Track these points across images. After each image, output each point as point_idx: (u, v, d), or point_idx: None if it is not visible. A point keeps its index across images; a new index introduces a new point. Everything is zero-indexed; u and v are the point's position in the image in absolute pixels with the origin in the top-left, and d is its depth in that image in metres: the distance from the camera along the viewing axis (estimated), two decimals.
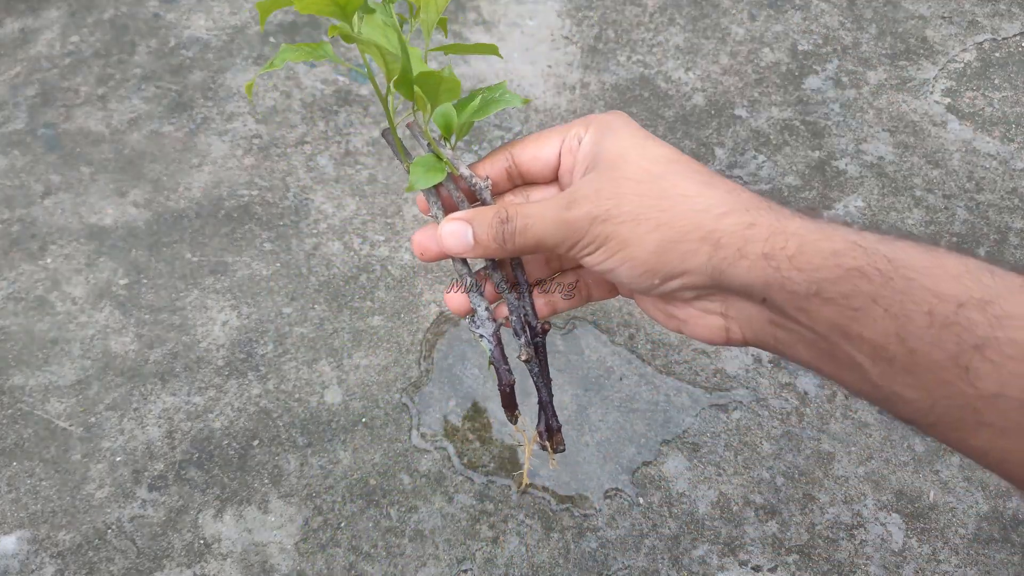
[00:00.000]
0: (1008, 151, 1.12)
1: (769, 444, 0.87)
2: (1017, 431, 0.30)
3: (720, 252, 0.36)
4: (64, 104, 1.18)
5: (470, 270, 0.44)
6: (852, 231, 0.35)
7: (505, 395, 0.47)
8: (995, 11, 1.29)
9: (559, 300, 0.45)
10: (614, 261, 0.38)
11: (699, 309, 0.39)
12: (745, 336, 0.38)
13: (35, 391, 0.91)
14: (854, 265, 0.33)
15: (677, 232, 0.36)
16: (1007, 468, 0.32)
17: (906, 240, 0.34)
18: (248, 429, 0.88)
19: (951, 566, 0.80)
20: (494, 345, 0.45)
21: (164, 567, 0.80)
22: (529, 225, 0.39)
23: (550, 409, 0.46)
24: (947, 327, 0.31)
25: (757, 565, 0.80)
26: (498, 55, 0.43)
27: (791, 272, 0.34)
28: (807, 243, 0.34)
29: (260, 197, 1.08)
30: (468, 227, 0.40)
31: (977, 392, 0.31)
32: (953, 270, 0.32)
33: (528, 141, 0.43)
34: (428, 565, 0.80)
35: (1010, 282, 0.32)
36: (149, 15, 1.29)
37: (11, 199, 1.08)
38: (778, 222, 0.35)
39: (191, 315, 0.97)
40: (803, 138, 1.14)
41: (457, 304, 0.45)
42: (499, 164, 0.44)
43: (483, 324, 0.45)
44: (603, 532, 0.82)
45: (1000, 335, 0.30)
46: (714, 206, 0.36)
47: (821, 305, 0.34)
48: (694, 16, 1.29)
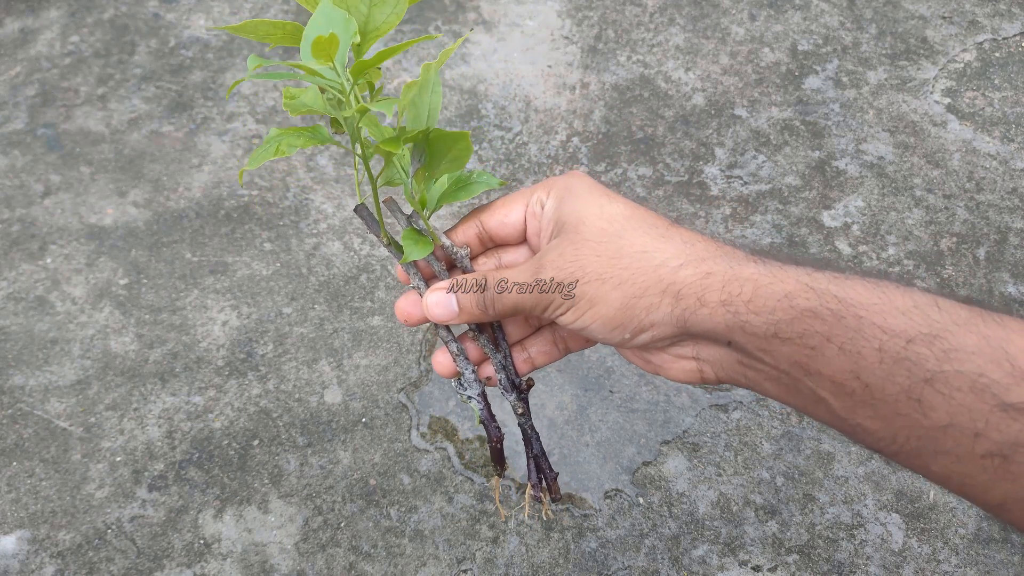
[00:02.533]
0: (1008, 151, 1.12)
1: (769, 444, 0.87)
2: (971, 458, 0.32)
3: (681, 303, 0.38)
4: (64, 104, 1.18)
5: (454, 336, 0.47)
6: (804, 272, 0.37)
7: (495, 451, 0.49)
8: (995, 11, 1.29)
9: (538, 356, 0.48)
10: (585, 320, 0.40)
11: (672, 355, 0.42)
12: (718, 376, 0.41)
13: (35, 391, 0.91)
14: (807, 306, 0.35)
15: (639, 288, 0.39)
16: (969, 492, 0.33)
17: (855, 278, 0.36)
18: (248, 429, 0.88)
19: (951, 566, 0.80)
20: (482, 405, 0.48)
21: (164, 567, 0.80)
22: (505, 291, 0.42)
23: (544, 460, 0.49)
24: (898, 362, 0.33)
25: (757, 565, 0.80)
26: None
27: (749, 316, 0.36)
28: (761, 287, 0.37)
29: (260, 197, 1.08)
30: (452, 296, 0.44)
31: (931, 423, 0.32)
32: (901, 306, 0.34)
33: (495, 207, 0.46)
34: (428, 565, 0.80)
35: (956, 315, 0.33)
36: (149, 15, 1.29)
37: (11, 199, 1.08)
38: (732, 269, 0.38)
39: (191, 315, 0.97)
40: (803, 138, 1.14)
41: (444, 367, 0.48)
42: (471, 231, 0.46)
43: (471, 386, 0.47)
44: (603, 532, 0.82)
45: (948, 368, 0.32)
46: (671, 259, 0.39)
47: (780, 345, 0.36)
48: (694, 16, 1.29)
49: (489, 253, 0.48)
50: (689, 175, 1.10)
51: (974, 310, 0.33)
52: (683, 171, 1.11)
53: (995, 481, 0.32)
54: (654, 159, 1.12)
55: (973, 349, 0.32)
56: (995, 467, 0.31)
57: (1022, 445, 0.31)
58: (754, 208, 1.07)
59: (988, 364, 0.31)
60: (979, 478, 0.32)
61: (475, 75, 1.21)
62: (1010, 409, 0.31)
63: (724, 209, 1.07)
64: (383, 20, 0.40)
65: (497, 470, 0.50)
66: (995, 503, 0.33)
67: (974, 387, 0.31)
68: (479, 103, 1.18)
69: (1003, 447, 0.31)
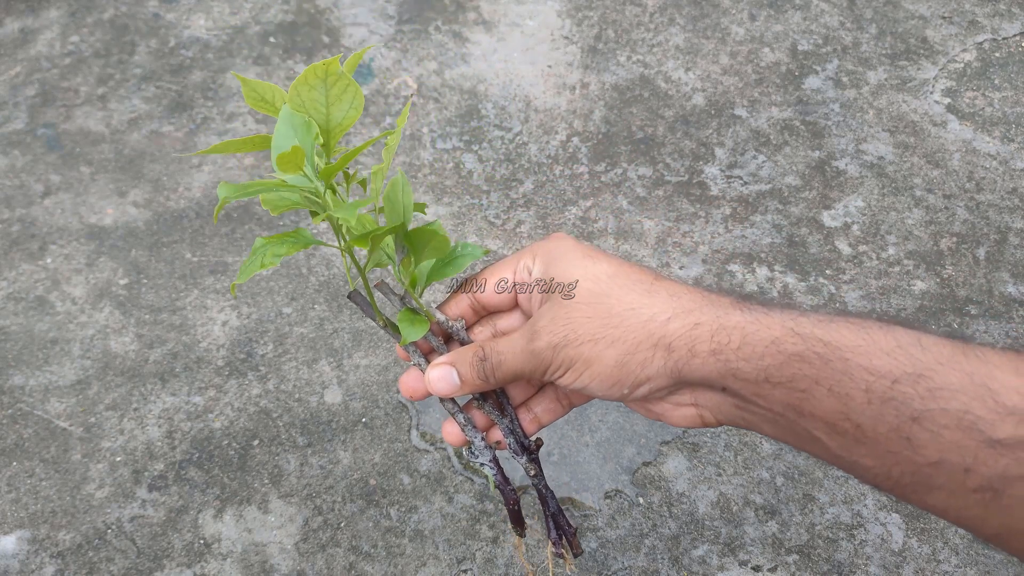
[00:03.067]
0: (1008, 151, 1.12)
1: (769, 444, 0.87)
2: (963, 493, 0.33)
3: (674, 355, 0.39)
4: (64, 104, 1.18)
5: (459, 406, 0.48)
6: (789, 317, 0.38)
7: (513, 513, 0.50)
8: (995, 11, 1.29)
9: (544, 415, 0.49)
10: (583, 380, 0.42)
11: (672, 403, 0.43)
12: (718, 419, 0.42)
13: (35, 391, 0.91)
14: (794, 351, 0.36)
15: (631, 344, 0.40)
16: (966, 524, 0.34)
17: (840, 320, 0.37)
18: (248, 429, 0.88)
19: (951, 566, 0.80)
20: (495, 470, 0.49)
21: (164, 567, 0.80)
22: (503, 360, 0.43)
23: (562, 518, 0.50)
24: (885, 402, 0.34)
25: (757, 565, 0.80)
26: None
27: (739, 363, 0.38)
28: (748, 334, 0.38)
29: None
30: (452, 370, 0.45)
31: (923, 459, 0.33)
32: (885, 346, 0.35)
33: (484, 276, 0.47)
34: (428, 565, 0.80)
35: (938, 354, 0.34)
36: (149, 15, 1.29)
37: (11, 199, 1.08)
38: (719, 319, 0.39)
39: (191, 315, 0.97)
40: (803, 138, 1.14)
41: (454, 437, 0.49)
42: (463, 302, 0.48)
43: (481, 453, 0.48)
44: (603, 532, 0.82)
45: (933, 407, 0.33)
46: (659, 314, 0.40)
47: (772, 389, 0.37)
48: (694, 16, 1.29)
49: (484, 321, 0.49)
50: (689, 175, 1.10)
51: (956, 346, 0.34)
52: (683, 171, 1.11)
53: (989, 514, 0.33)
54: (654, 159, 1.12)
55: (957, 387, 0.33)
56: (987, 501, 0.32)
57: (1011, 479, 0.31)
58: (754, 208, 1.07)
59: (972, 401, 0.32)
60: (973, 511, 0.33)
61: (475, 75, 1.21)
62: (996, 445, 0.31)
63: (724, 209, 1.07)
64: (343, 116, 0.41)
65: (518, 531, 0.51)
66: (991, 534, 0.33)
67: (960, 424, 0.32)
68: (479, 103, 1.18)
69: (993, 481, 0.32)
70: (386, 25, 1.29)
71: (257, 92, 0.42)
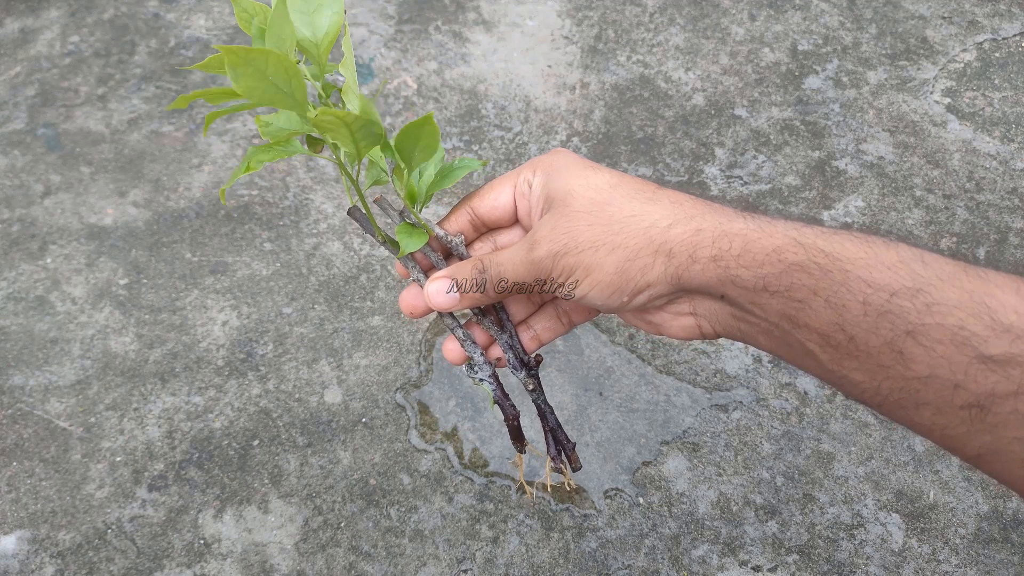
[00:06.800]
0: (1008, 151, 1.12)
1: (769, 444, 0.87)
2: (951, 409, 0.33)
3: (674, 260, 0.39)
4: (64, 104, 1.18)
5: (459, 322, 0.48)
6: (792, 227, 0.38)
7: (513, 428, 0.50)
8: (995, 11, 1.29)
9: (544, 332, 0.49)
10: (583, 288, 0.41)
11: (671, 312, 0.43)
12: (715, 330, 0.42)
13: (35, 391, 0.91)
14: (794, 260, 0.36)
15: (631, 251, 0.40)
16: (949, 443, 0.34)
17: (844, 233, 0.37)
18: (248, 429, 0.88)
19: (951, 566, 0.80)
20: (495, 386, 0.49)
21: (164, 567, 0.80)
22: (503, 271, 0.43)
23: (561, 432, 0.50)
24: (881, 315, 0.34)
25: (757, 565, 0.80)
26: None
27: (739, 270, 0.37)
28: (750, 242, 0.37)
29: (260, 197, 1.08)
30: (451, 282, 0.45)
31: (913, 374, 0.33)
32: (887, 260, 0.35)
33: (484, 192, 0.47)
34: (428, 565, 0.80)
35: (940, 270, 0.34)
36: (149, 15, 1.29)
37: (11, 199, 1.08)
38: (721, 225, 0.39)
39: (191, 315, 0.97)
40: (803, 138, 1.14)
41: (454, 354, 0.48)
42: (463, 218, 0.47)
43: (481, 368, 0.48)
44: (603, 532, 0.82)
45: (929, 321, 0.33)
46: (660, 220, 0.40)
47: (769, 298, 0.37)
48: (694, 16, 1.29)
49: (483, 237, 0.48)
50: (689, 175, 1.10)
51: (959, 265, 0.34)
52: (683, 171, 1.11)
53: (973, 432, 0.33)
54: (654, 159, 1.12)
55: (955, 303, 0.33)
56: (973, 418, 0.32)
57: (999, 396, 0.31)
58: (754, 208, 1.07)
59: (969, 317, 0.32)
60: (958, 429, 0.33)
61: (475, 75, 1.21)
62: (988, 361, 0.31)
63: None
64: (329, 24, 0.41)
65: (518, 446, 0.51)
66: (974, 454, 0.33)
67: (954, 339, 0.32)
68: (479, 103, 1.18)
69: (981, 398, 0.32)
70: (386, 25, 1.29)
71: (248, 12, 0.42)
